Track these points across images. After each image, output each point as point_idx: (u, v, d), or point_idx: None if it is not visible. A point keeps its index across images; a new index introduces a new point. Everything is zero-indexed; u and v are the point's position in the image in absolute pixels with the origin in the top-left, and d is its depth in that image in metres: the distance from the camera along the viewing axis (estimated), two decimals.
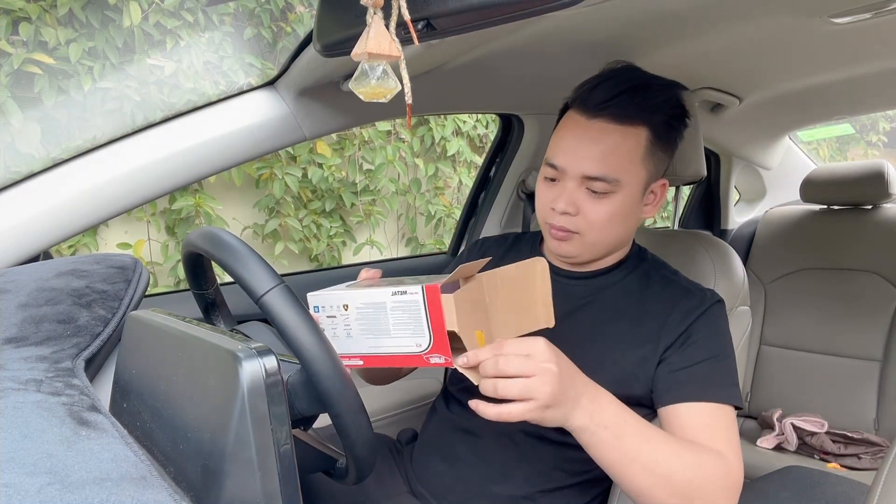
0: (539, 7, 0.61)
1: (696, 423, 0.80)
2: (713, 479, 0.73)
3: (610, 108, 0.84)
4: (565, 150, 0.87)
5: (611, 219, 0.87)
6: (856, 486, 0.96)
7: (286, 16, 2.53)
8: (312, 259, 2.79)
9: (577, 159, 0.85)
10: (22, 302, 0.71)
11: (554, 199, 0.88)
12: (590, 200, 0.86)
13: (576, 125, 0.87)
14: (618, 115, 0.84)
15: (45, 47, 1.96)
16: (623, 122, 0.84)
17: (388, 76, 0.60)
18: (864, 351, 1.78)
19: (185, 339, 0.59)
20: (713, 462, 0.74)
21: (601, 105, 0.84)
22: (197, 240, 0.67)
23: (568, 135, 0.87)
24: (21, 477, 0.42)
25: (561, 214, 0.87)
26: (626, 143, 0.85)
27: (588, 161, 0.84)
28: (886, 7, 0.99)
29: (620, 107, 0.84)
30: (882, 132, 5.81)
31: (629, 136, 0.85)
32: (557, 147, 0.88)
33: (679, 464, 0.71)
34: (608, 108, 0.84)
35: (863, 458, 1.63)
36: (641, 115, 0.85)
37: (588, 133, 0.85)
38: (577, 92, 0.89)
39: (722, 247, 1.17)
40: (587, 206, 0.86)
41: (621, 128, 0.84)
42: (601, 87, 0.85)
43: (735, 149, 2.15)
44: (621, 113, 0.84)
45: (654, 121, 0.86)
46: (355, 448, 0.62)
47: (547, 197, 0.90)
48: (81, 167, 0.97)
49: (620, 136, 0.84)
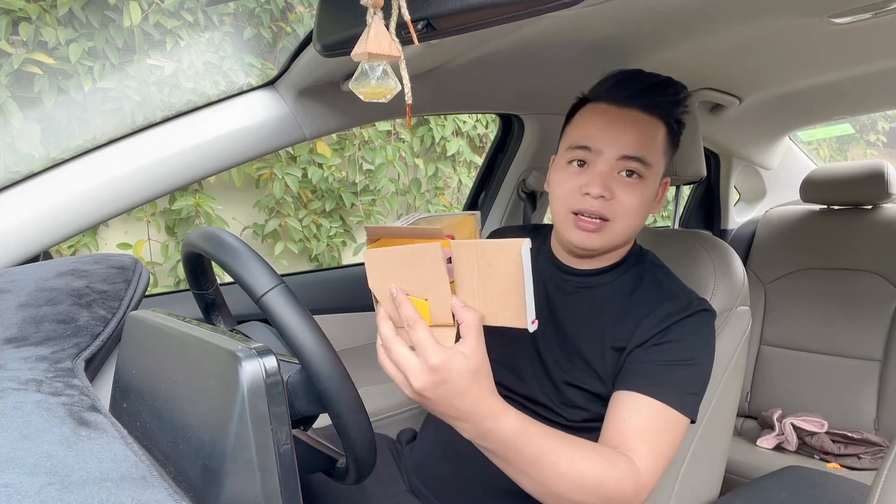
0: (539, 7, 0.61)
1: (635, 416, 0.78)
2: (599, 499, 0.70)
3: (640, 99, 0.87)
4: (599, 132, 0.87)
5: (640, 206, 0.87)
6: (856, 486, 0.96)
7: (286, 16, 2.53)
8: (312, 259, 2.79)
9: (615, 139, 0.86)
10: (22, 302, 0.71)
11: (586, 182, 0.86)
12: (623, 185, 0.86)
13: (606, 112, 0.88)
14: (646, 106, 0.87)
15: (45, 47, 1.96)
16: (650, 113, 0.88)
17: (388, 76, 0.60)
18: (864, 351, 1.78)
19: (185, 339, 0.59)
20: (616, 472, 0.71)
21: (631, 96, 0.87)
22: (197, 240, 0.67)
23: (598, 120, 0.88)
24: (21, 477, 0.42)
25: (595, 199, 0.85)
26: (654, 132, 0.88)
27: (626, 141, 0.86)
28: (886, 7, 0.99)
29: (648, 99, 0.87)
30: (881, 132, 5.81)
31: (655, 128, 0.88)
32: (586, 131, 0.88)
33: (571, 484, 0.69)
34: (638, 100, 0.87)
35: (863, 458, 1.63)
36: (662, 111, 0.89)
37: (622, 118, 0.87)
38: (601, 86, 0.91)
39: (722, 247, 1.16)
40: (621, 191, 0.86)
41: (649, 118, 0.88)
42: (628, 82, 0.89)
43: (735, 149, 2.15)
44: (649, 105, 0.87)
45: (670, 118, 0.90)
46: (355, 448, 0.62)
47: (575, 182, 0.87)
48: (81, 167, 0.97)
49: (649, 125, 0.88)
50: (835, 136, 5.09)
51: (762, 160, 2.28)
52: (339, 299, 1.49)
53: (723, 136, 1.99)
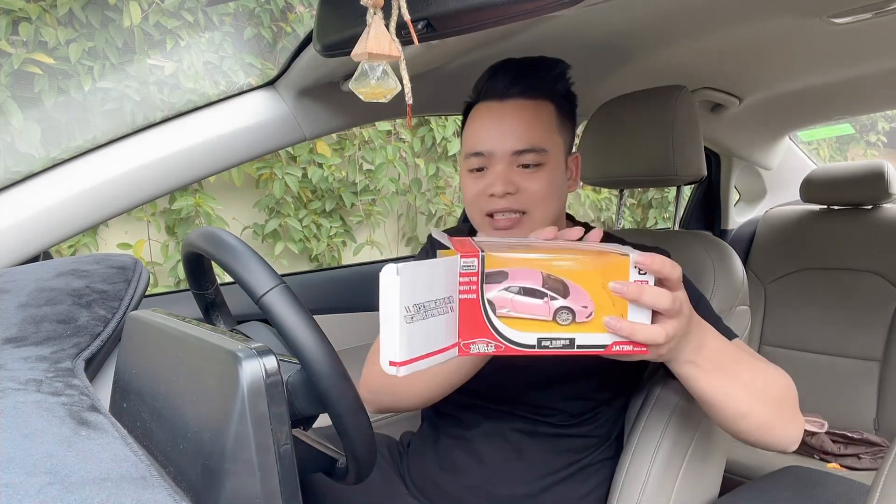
0: (539, 7, 0.61)
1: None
2: (790, 389, 0.77)
3: (517, 86, 0.87)
4: (487, 135, 0.87)
5: (549, 190, 0.87)
6: (856, 486, 0.96)
7: (286, 16, 2.53)
8: (312, 259, 2.79)
9: (503, 138, 0.85)
10: (22, 302, 0.71)
11: (488, 185, 0.86)
12: (524, 176, 0.86)
13: (488, 111, 0.88)
14: (526, 91, 0.87)
15: (45, 47, 1.96)
16: (532, 97, 0.87)
17: (388, 76, 0.60)
18: (864, 351, 1.78)
19: (185, 339, 0.59)
20: (784, 375, 0.77)
21: (509, 86, 0.87)
22: (197, 240, 0.67)
23: (484, 122, 0.88)
24: (21, 477, 0.42)
25: (501, 197, 0.85)
26: (540, 115, 0.87)
27: (514, 137, 0.85)
28: (886, 7, 1.00)
29: (527, 84, 0.87)
30: (882, 132, 5.81)
31: (541, 109, 0.87)
32: (476, 136, 0.88)
33: (768, 379, 0.74)
34: (516, 87, 0.87)
35: (863, 458, 1.63)
36: (545, 90, 0.88)
37: (504, 113, 0.86)
38: (479, 86, 0.91)
39: (722, 247, 1.16)
40: (524, 182, 0.86)
41: (532, 102, 0.87)
42: (502, 73, 0.88)
43: (735, 149, 2.15)
44: (529, 89, 0.87)
45: (555, 94, 0.89)
46: (355, 448, 0.62)
47: (478, 187, 0.88)
48: (81, 167, 0.97)
49: (533, 109, 0.87)
50: (835, 136, 5.09)
51: (762, 160, 2.28)
52: (339, 299, 1.49)
53: (723, 136, 1.99)
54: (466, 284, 0.58)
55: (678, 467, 0.95)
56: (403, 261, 0.60)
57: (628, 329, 0.59)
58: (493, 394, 0.93)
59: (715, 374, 0.69)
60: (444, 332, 0.56)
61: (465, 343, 0.58)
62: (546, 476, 0.91)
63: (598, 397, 0.93)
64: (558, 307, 0.59)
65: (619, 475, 0.95)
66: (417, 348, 0.54)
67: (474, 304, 0.58)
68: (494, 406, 0.93)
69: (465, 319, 0.58)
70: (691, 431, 0.95)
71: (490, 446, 0.93)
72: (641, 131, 1.17)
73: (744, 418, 0.73)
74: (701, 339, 0.67)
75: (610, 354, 0.61)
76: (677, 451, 0.94)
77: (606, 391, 0.94)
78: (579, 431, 0.93)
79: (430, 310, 0.54)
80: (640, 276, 0.59)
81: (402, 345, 0.52)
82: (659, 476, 0.92)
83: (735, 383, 0.71)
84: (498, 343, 0.59)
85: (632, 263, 0.59)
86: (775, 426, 0.75)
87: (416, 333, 0.53)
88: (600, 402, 0.93)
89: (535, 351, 0.59)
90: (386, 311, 0.52)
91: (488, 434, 0.93)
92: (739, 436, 0.76)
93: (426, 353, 0.55)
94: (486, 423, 0.93)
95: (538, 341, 0.59)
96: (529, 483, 0.91)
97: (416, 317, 0.53)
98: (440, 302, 0.55)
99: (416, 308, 0.53)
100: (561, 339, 0.59)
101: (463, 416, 0.96)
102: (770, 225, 2.11)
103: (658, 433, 0.94)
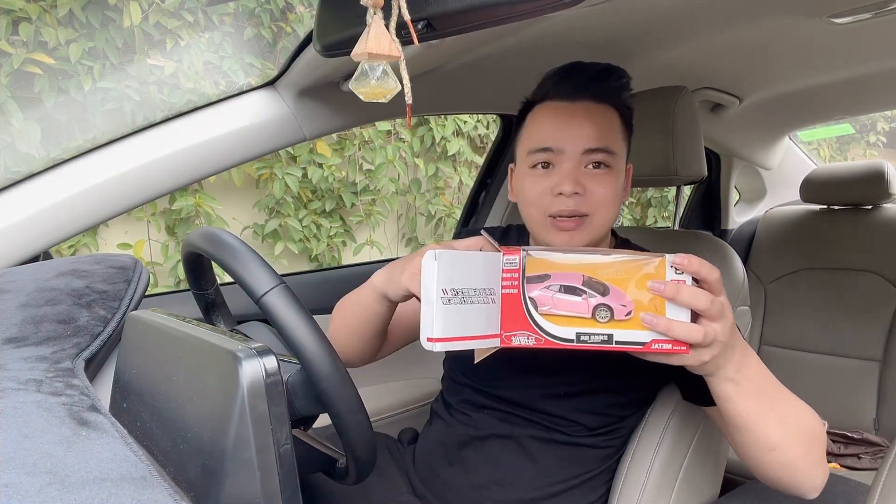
0: (539, 7, 0.61)
1: None
2: (822, 430, 0.75)
3: (588, 90, 0.86)
4: (558, 132, 0.85)
5: (614, 195, 0.86)
6: (856, 486, 0.96)
7: (286, 16, 2.53)
8: (312, 259, 2.79)
9: (575, 135, 0.84)
10: (22, 302, 0.71)
11: (557, 182, 0.84)
12: (592, 178, 0.84)
13: (558, 110, 0.87)
14: (596, 95, 0.86)
15: (45, 47, 1.96)
16: (601, 101, 0.87)
17: (388, 76, 0.60)
18: (864, 351, 1.78)
19: (185, 339, 0.59)
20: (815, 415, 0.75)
21: (580, 88, 0.86)
22: (197, 240, 0.67)
23: (553, 119, 0.86)
24: (21, 477, 0.42)
25: (569, 197, 0.83)
26: (610, 119, 0.87)
27: (587, 135, 0.84)
28: (886, 7, 1.00)
29: (597, 88, 0.86)
30: (881, 132, 5.81)
31: (609, 115, 0.87)
32: (543, 132, 0.86)
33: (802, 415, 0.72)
34: (586, 90, 0.86)
35: (863, 458, 1.63)
36: (611, 97, 0.88)
37: (576, 112, 0.85)
38: (547, 85, 0.89)
39: (722, 247, 1.17)
40: (591, 184, 0.84)
41: (601, 106, 0.86)
42: (572, 75, 0.88)
43: (735, 149, 2.15)
44: (599, 94, 0.86)
45: (620, 104, 0.89)
46: (355, 448, 0.62)
47: (543, 185, 0.85)
48: (81, 167, 0.97)
49: (603, 114, 0.86)
50: (835, 136, 5.09)
51: (762, 160, 2.28)
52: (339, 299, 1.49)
53: (723, 136, 1.99)
54: (509, 280, 0.62)
55: (678, 467, 0.95)
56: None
57: (665, 325, 0.59)
58: (513, 399, 0.92)
59: (752, 398, 0.68)
60: (484, 320, 0.61)
61: (507, 335, 0.62)
62: (556, 483, 0.91)
63: (617, 413, 0.92)
64: (597, 304, 0.61)
65: (619, 475, 0.95)
66: (454, 329, 0.58)
67: (516, 298, 0.62)
68: (511, 411, 0.93)
69: (507, 313, 0.62)
70: (691, 431, 0.95)
71: (503, 449, 0.92)
72: (641, 131, 1.16)
73: (772, 451, 0.71)
74: (744, 358, 0.67)
75: (648, 352, 0.61)
76: (677, 451, 0.94)
77: (627, 408, 0.93)
78: (594, 443, 0.92)
79: (469, 297, 0.59)
80: (676, 276, 0.60)
81: (438, 323, 0.57)
82: (659, 476, 0.92)
83: (770, 412, 0.69)
84: (538, 336, 0.62)
85: (668, 263, 0.60)
86: (801, 466, 0.72)
87: (452, 315, 0.58)
88: (618, 419, 0.93)
89: (574, 345, 0.61)
90: (426, 292, 0.58)
91: (502, 438, 0.92)
92: (763, 471, 0.74)
93: (463, 336, 0.59)
94: (501, 427, 0.93)
95: (577, 335, 0.61)
96: (539, 488, 0.90)
97: (454, 300, 0.58)
98: (479, 291, 0.60)
99: (453, 292, 0.58)
100: (599, 335, 0.61)
101: (477, 416, 0.95)
102: (770, 225, 2.11)
103: (658, 433, 0.94)
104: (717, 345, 0.61)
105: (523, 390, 0.92)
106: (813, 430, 0.73)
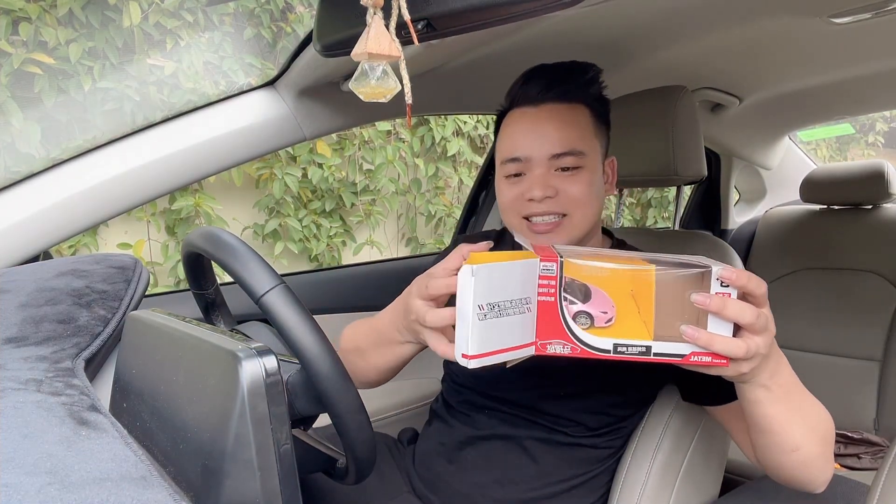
0: (539, 7, 0.61)
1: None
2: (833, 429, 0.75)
3: (552, 91, 0.86)
4: (524, 140, 0.86)
5: (588, 193, 0.86)
6: (856, 486, 0.96)
7: (286, 16, 2.53)
8: (312, 259, 2.79)
9: (540, 143, 0.85)
10: (22, 302, 0.71)
11: (527, 188, 0.85)
12: (563, 180, 0.85)
13: (524, 116, 0.87)
14: (561, 95, 0.86)
15: (45, 47, 1.96)
16: (567, 101, 0.86)
17: (388, 76, 0.60)
18: (864, 351, 1.78)
19: (185, 339, 0.59)
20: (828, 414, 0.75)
21: (543, 91, 0.86)
22: (197, 240, 0.67)
23: (520, 127, 0.87)
24: (21, 477, 0.42)
25: (540, 202, 0.85)
26: (576, 118, 0.86)
27: (551, 141, 0.84)
28: (886, 7, 1.00)
29: (561, 89, 0.86)
30: (880, 132, 5.81)
31: (577, 114, 0.87)
32: (512, 142, 0.87)
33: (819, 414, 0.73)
34: (551, 92, 0.86)
35: (863, 458, 1.63)
36: (580, 94, 0.87)
37: (540, 117, 0.86)
38: (513, 92, 0.90)
39: (722, 247, 1.17)
40: (564, 185, 0.85)
41: (567, 106, 0.86)
42: (536, 78, 0.87)
43: (735, 149, 2.15)
44: (564, 93, 0.86)
45: (590, 98, 0.89)
46: (355, 448, 0.62)
47: (515, 191, 0.87)
48: (81, 167, 0.97)
49: (569, 112, 0.86)
50: (835, 136, 5.09)
51: (762, 160, 2.28)
52: (339, 299, 1.49)
53: (723, 136, 2.00)
54: (545, 287, 0.59)
55: (678, 467, 0.95)
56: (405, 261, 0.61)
57: (706, 339, 0.57)
58: (514, 400, 0.92)
59: (782, 402, 0.68)
60: (519, 330, 0.58)
61: (542, 343, 0.60)
62: (557, 483, 0.91)
63: (618, 413, 0.92)
64: (577, 311, 0.59)
65: (619, 475, 0.95)
66: (490, 344, 0.56)
67: (552, 306, 0.59)
68: (513, 412, 0.93)
69: (543, 320, 0.60)
70: (691, 431, 0.95)
71: (504, 450, 0.92)
72: (641, 131, 1.17)
73: (794, 451, 0.71)
74: (778, 363, 0.66)
75: (687, 365, 0.60)
76: (677, 451, 0.94)
77: (627, 408, 0.93)
78: (595, 443, 0.92)
79: (505, 309, 0.57)
80: (721, 289, 0.58)
81: (474, 340, 0.55)
82: (659, 476, 0.92)
83: (796, 414, 0.69)
84: (574, 346, 0.60)
85: (714, 276, 0.58)
86: (816, 465, 0.73)
87: (488, 330, 0.56)
88: (620, 418, 0.93)
89: (611, 356, 0.59)
90: (461, 307, 0.56)
91: (503, 438, 0.92)
92: (780, 470, 0.75)
93: (499, 349, 0.57)
94: (502, 428, 0.93)
95: (614, 346, 0.59)
96: (540, 488, 0.90)
97: (490, 315, 0.56)
98: (516, 302, 0.58)
99: (489, 307, 0.55)
100: (637, 347, 0.59)
101: (478, 417, 0.95)
102: (770, 225, 2.11)
103: (658, 433, 0.94)
104: (758, 357, 0.60)
105: (525, 391, 0.92)
106: (828, 429, 0.73)
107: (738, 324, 0.59)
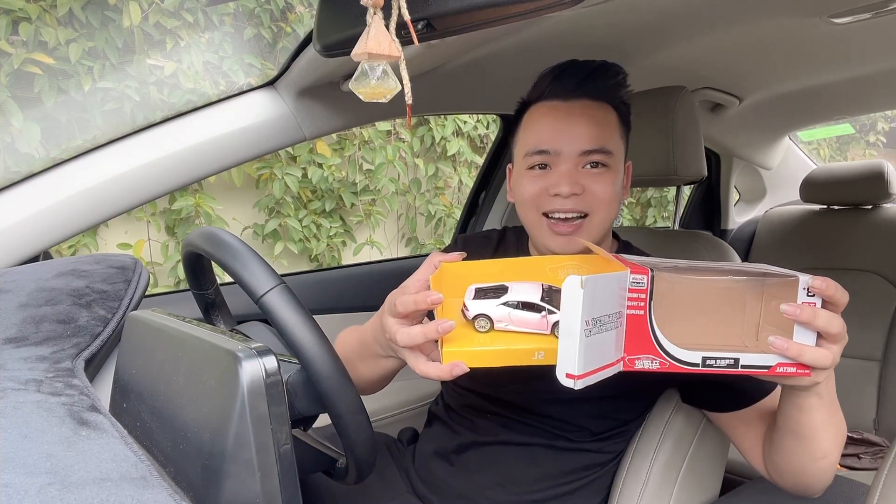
0: (539, 8, 0.61)
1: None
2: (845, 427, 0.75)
3: (584, 88, 0.85)
4: (554, 133, 0.84)
5: (613, 195, 0.85)
6: (856, 486, 0.96)
7: (286, 16, 2.53)
8: (312, 259, 2.79)
9: (571, 137, 0.83)
10: (22, 302, 0.71)
11: (553, 183, 0.83)
12: (591, 177, 0.83)
13: (554, 110, 0.85)
14: (592, 94, 0.85)
15: (45, 47, 1.96)
16: (598, 100, 0.85)
17: (388, 76, 0.60)
18: (864, 351, 1.78)
19: (185, 339, 0.59)
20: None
21: (576, 87, 0.85)
22: (197, 240, 0.67)
23: (550, 120, 0.85)
24: (21, 477, 0.42)
25: (567, 198, 0.82)
26: (607, 117, 0.86)
27: (582, 137, 0.83)
28: (886, 7, 1.00)
29: (592, 86, 0.85)
30: (881, 132, 5.81)
31: (606, 113, 0.86)
32: (540, 134, 0.85)
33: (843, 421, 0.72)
34: (583, 89, 0.85)
35: (863, 458, 1.63)
36: (608, 95, 0.86)
37: (572, 112, 0.84)
38: (543, 84, 0.88)
39: (722, 247, 1.17)
40: (590, 183, 0.83)
41: (598, 105, 0.85)
42: (568, 73, 0.86)
43: (735, 149, 2.15)
44: (595, 92, 0.85)
45: (617, 100, 0.88)
46: (355, 448, 0.62)
47: (541, 184, 0.84)
48: (81, 167, 0.97)
49: (600, 112, 0.85)
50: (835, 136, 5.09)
51: (762, 160, 2.28)
52: (339, 299, 1.49)
53: (723, 136, 2.00)
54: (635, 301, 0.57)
55: (678, 467, 0.95)
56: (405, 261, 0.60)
57: (796, 350, 0.56)
58: (518, 404, 0.92)
59: (826, 409, 0.67)
60: (613, 346, 0.56)
61: (630, 358, 0.58)
62: (558, 486, 0.91)
63: (621, 417, 0.92)
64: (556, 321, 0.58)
65: (619, 475, 0.95)
66: (593, 362, 0.54)
67: (642, 320, 0.57)
68: (516, 416, 0.92)
69: (632, 335, 0.57)
70: (691, 431, 0.95)
71: (506, 453, 0.92)
72: (641, 131, 1.16)
73: (823, 458, 0.71)
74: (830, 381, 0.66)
75: (773, 376, 0.59)
76: (677, 451, 0.94)
77: (631, 412, 0.93)
78: (598, 447, 0.92)
79: (605, 324, 0.54)
80: (808, 298, 0.57)
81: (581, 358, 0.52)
82: (659, 476, 0.92)
83: (832, 421, 0.69)
84: (663, 360, 0.58)
85: (802, 285, 0.57)
86: (832, 472, 0.73)
87: (592, 347, 0.53)
88: (623, 423, 0.93)
89: (700, 369, 0.58)
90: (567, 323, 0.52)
91: (505, 442, 0.92)
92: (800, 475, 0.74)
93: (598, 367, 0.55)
94: (505, 433, 0.92)
95: (703, 360, 0.58)
96: (541, 490, 0.90)
97: (594, 330, 0.53)
98: (613, 316, 0.56)
99: (594, 322, 0.53)
100: (725, 359, 0.58)
101: (480, 422, 0.95)
102: (770, 225, 2.11)
103: (658, 433, 0.94)
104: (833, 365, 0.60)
105: (528, 394, 0.91)
106: (845, 435, 0.73)
107: (822, 333, 0.57)
